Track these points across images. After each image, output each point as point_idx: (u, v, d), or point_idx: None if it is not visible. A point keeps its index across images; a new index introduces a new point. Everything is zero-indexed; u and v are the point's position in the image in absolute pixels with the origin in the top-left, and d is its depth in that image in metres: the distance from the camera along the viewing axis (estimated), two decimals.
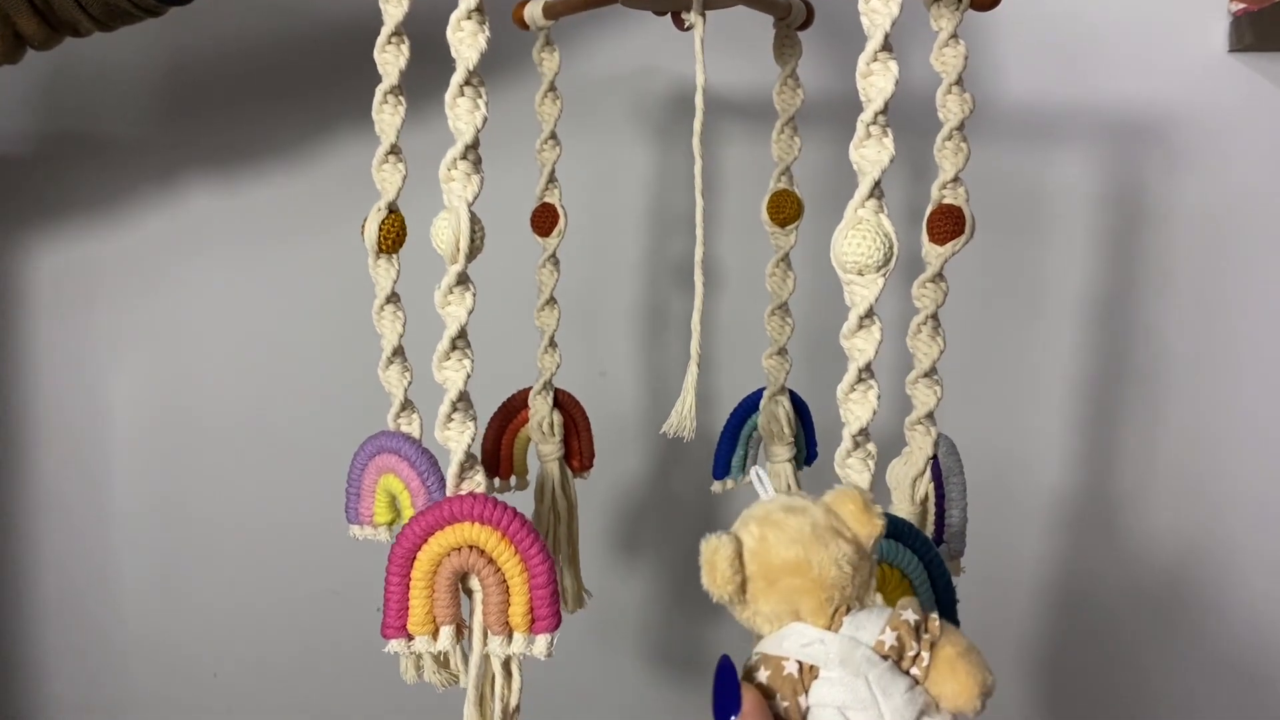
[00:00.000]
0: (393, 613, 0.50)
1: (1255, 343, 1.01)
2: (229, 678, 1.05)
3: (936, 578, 0.52)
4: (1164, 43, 0.98)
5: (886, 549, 0.50)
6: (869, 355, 0.49)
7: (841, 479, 0.50)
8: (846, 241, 0.47)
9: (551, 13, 0.71)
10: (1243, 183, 0.99)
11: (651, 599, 1.06)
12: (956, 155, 0.62)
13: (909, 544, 0.51)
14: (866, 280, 0.48)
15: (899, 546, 0.51)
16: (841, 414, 0.49)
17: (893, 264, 0.48)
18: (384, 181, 0.59)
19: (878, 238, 0.47)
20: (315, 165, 0.98)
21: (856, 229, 0.47)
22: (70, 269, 0.99)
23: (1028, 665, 1.07)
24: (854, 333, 0.49)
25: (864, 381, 0.49)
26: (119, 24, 0.71)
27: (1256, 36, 0.93)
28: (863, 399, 0.49)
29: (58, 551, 1.02)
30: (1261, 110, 0.98)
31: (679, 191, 0.98)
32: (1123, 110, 0.98)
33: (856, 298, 0.48)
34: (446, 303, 0.50)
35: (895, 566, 0.51)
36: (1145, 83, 0.98)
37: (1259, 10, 0.93)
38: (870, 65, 0.47)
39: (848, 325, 0.48)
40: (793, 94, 0.72)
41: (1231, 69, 0.98)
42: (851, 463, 0.50)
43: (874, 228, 0.47)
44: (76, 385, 1.00)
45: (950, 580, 0.52)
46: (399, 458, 0.59)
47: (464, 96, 0.48)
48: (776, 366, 0.77)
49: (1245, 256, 1.00)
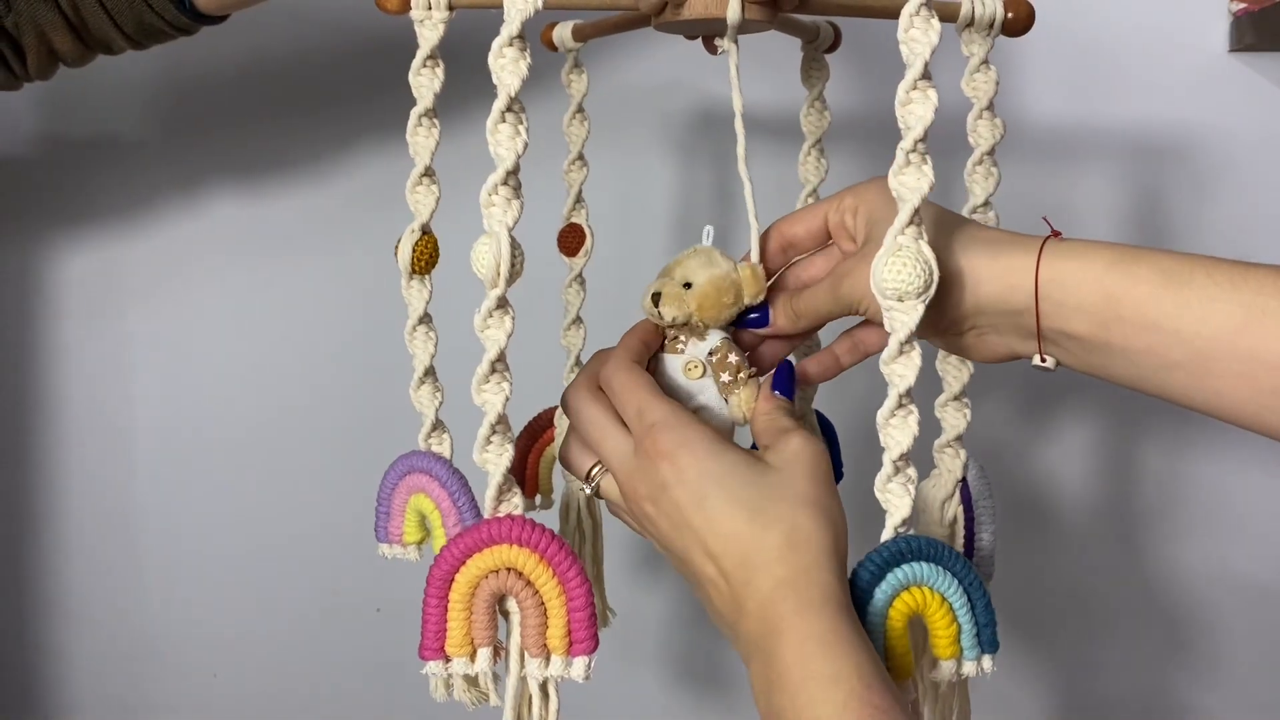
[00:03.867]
0: (431, 634, 0.51)
1: None
2: (229, 678, 1.05)
3: (975, 600, 0.52)
4: (1164, 45, 0.98)
5: (927, 573, 0.51)
6: (909, 381, 0.49)
7: (882, 504, 0.51)
8: (887, 269, 0.48)
9: (581, 35, 0.72)
10: (1246, 187, 0.99)
11: (673, 617, 1.06)
12: (987, 180, 0.62)
13: (948, 567, 0.51)
14: (907, 306, 0.48)
15: (939, 570, 0.51)
16: (881, 439, 0.50)
17: (932, 290, 0.48)
18: (418, 203, 0.59)
19: (918, 264, 0.47)
20: (340, 178, 0.99)
21: (897, 255, 0.48)
22: (94, 274, 1.00)
23: (1058, 686, 1.07)
24: (894, 358, 0.49)
25: (904, 407, 0.50)
26: (152, 42, 0.71)
27: (1257, 36, 0.93)
28: (903, 424, 0.50)
29: (75, 553, 1.03)
30: (1262, 110, 0.98)
31: (704, 208, 0.98)
32: (1131, 121, 0.98)
33: (897, 324, 0.49)
34: (486, 326, 0.50)
35: (935, 590, 0.51)
36: (1149, 90, 0.98)
37: (1259, 10, 0.93)
38: (910, 94, 0.47)
39: (888, 352, 0.49)
40: (820, 116, 0.72)
41: (1232, 69, 0.98)
42: (892, 487, 0.51)
43: (914, 254, 0.47)
44: (97, 389, 1.01)
45: (989, 602, 0.52)
46: (430, 478, 0.59)
47: (505, 123, 0.49)
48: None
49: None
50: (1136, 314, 0.49)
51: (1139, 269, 0.49)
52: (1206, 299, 0.48)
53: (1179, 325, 0.48)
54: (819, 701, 0.45)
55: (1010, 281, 0.51)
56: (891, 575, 0.50)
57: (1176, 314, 0.48)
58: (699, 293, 0.57)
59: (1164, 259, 0.49)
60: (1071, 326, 0.51)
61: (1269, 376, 0.47)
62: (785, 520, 0.50)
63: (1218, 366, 0.48)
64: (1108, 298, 0.49)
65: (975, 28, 0.61)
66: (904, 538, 0.51)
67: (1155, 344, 0.49)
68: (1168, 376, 0.49)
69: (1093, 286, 0.50)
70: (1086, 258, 0.50)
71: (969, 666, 0.52)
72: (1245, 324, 0.47)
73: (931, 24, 0.47)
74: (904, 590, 0.51)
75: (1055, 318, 0.51)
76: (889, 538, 0.51)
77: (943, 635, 0.51)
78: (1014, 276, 0.51)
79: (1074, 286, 0.50)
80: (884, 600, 0.50)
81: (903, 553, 0.51)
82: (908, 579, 0.51)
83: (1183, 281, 0.48)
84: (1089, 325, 0.50)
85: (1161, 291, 0.48)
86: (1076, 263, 0.50)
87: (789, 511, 0.50)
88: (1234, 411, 0.49)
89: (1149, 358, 0.49)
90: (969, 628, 0.52)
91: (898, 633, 0.50)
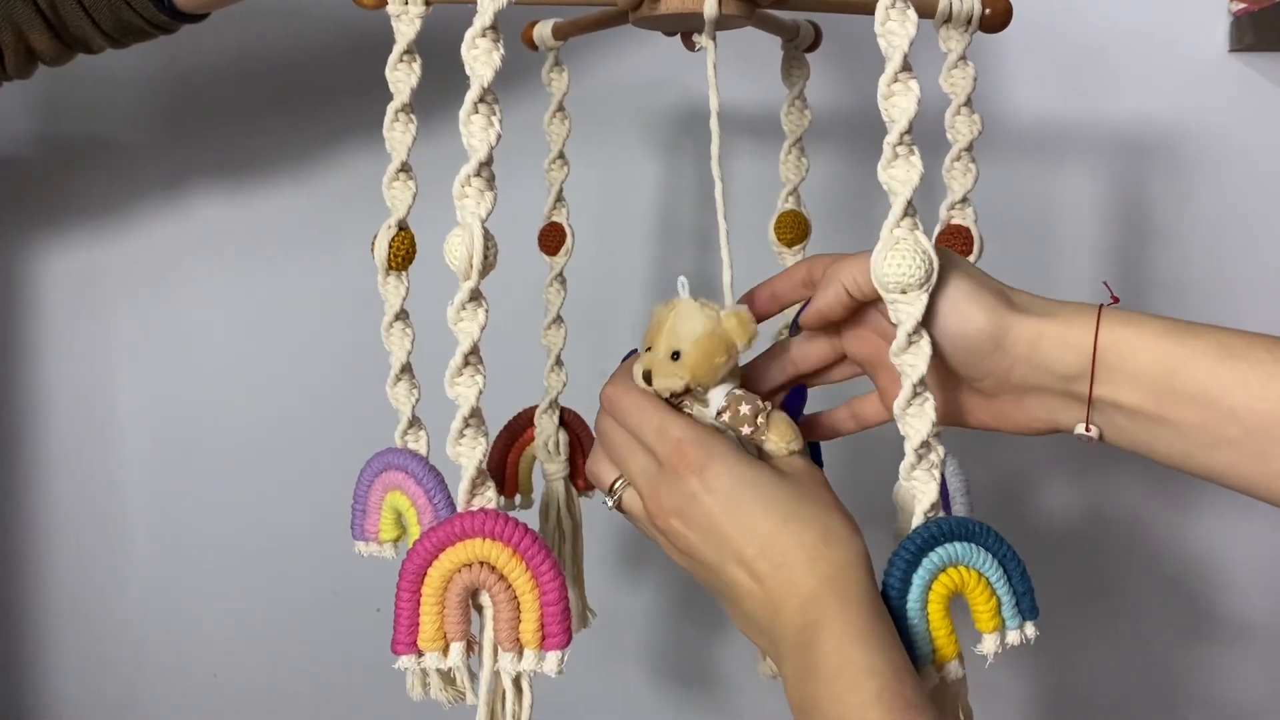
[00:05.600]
0: (403, 628, 0.50)
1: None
2: (229, 678, 1.05)
3: (1011, 571, 0.52)
4: (1165, 45, 0.98)
5: (962, 552, 0.51)
6: (921, 370, 0.49)
7: (908, 491, 0.51)
8: (887, 263, 0.48)
9: (561, 33, 0.72)
10: (1245, 185, 1.00)
11: (655, 617, 1.06)
12: (965, 176, 0.62)
13: (981, 543, 0.52)
14: (910, 298, 0.49)
15: (973, 548, 0.51)
16: (901, 428, 0.51)
17: (933, 279, 0.48)
18: (394, 199, 0.59)
19: (917, 255, 0.48)
20: (322, 177, 0.99)
21: (895, 249, 0.48)
22: (78, 273, 0.99)
23: (1038, 679, 1.07)
24: (904, 349, 0.50)
25: (919, 395, 0.50)
26: (131, 41, 0.71)
27: (1257, 36, 0.94)
28: (920, 412, 0.50)
29: (64, 552, 1.02)
30: (1263, 111, 0.99)
31: (686, 206, 0.98)
32: (1128, 118, 0.99)
33: (903, 315, 0.49)
34: (459, 319, 0.50)
35: (972, 568, 0.51)
36: (1148, 88, 0.98)
37: (1259, 10, 0.93)
38: (891, 86, 0.47)
39: (896, 343, 0.49)
40: (800, 115, 0.72)
41: (1232, 69, 0.98)
42: (918, 474, 0.52)
43: (912, 246, 0.48)
44: (84, 388, 1.01)
45: (1024, 570, 0.52)
46: (406, 475, 0.59)
47: (478, 114, 0.48)
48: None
49: (1251, 261, 1.01)
50: (1193, 386, 0.48)
51: (1196, 341, 0.48)
52: (1265, 376, 0.46)
53: (1235, 401, 0.47)
54: (854, 689, 0.45)
55: (1067, 341, 0.50)
56: (928, 560, 0.51)
57: (1233, 389, 0.47)
58: (689, 363, 0.55)
59: (1221, 333, 0.48)
60: (1123, 396, 0.50)
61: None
62: (820, 520, 0.51)
63: (1273, 446, 0.46)
64: (1164, 368, 0.48)
65: (953, 24, 0.61)
66: (935, 521, 0.51)
67: (1209, 420, 0.48)
68: (1219, 454, 0.48)
69: (1150, 355, 0.49)
70: (1144, 326, 0.49)
71: (1013, 635, 0.52)
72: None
73: (908, 16, 0.47)
74: (941, 573, 0.51)
75: (1109, 384, 0.50)
76: (919, 523, 0.52)
77: (984, 609, 0.52)
78: (1072, 336, 0.50)
79: (1130, 353, 0.49)
80: (922, 585, 0.51)
81: (935, 536, 0.51)
82: (945, 560, 0.51)
83: (1240, 356, 0.47)
84: (1142, 396, 0.49)
85: (1218, 365, 0.47)
86: (1134, 330, 0.49)
87: (822, 513, 0.51)
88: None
89: (1201, 434, 0.48)
90: (1008, 599, 0.52)
91: (939, 615, 0.51)
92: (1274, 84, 0.98)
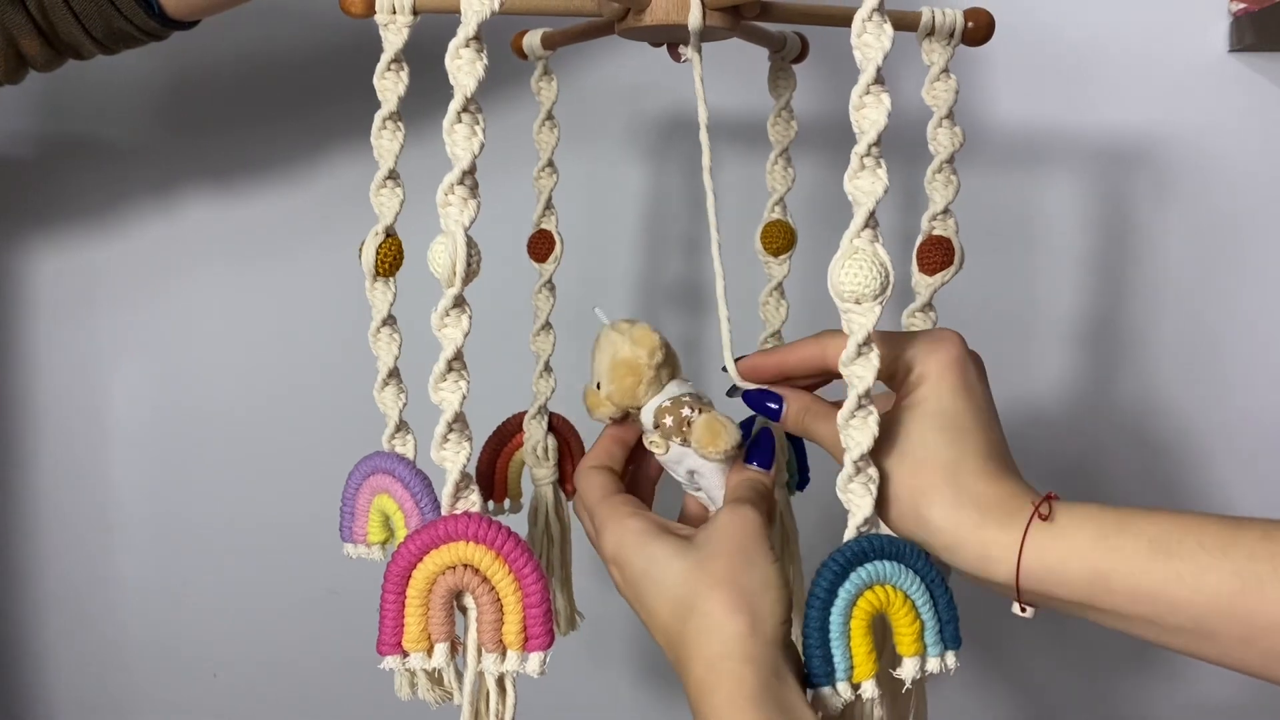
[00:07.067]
0: (388, 629, 0.51)
1: (1247, 355, 1.03)
2: (229, 678, 1.05)
3: (937, 597, 0.52)
4: (1163, 46, 0.98)
5: (890, 571, 0.51)
6: (868, 382, 0.50)
7: (844, 504, 0.51)
8: (843, 271, 0.48)
9: (550, 43, 0.72)
10: (1246, 185, 1.00)
11: None
12: (946, 188, 0.63)
13: (909, 564, 0.52)
14: (864, 309, 0.49)
15: (901, 568, 0.52)
16: (842, 439, 0.50)
17: (889, 292, 0.49)
18: (382, 206, 0.60)
19: (874, 267, 0.48)
20: (313, 180, 0.99)
21: (853, 259, 0.48)
22: (70, 273, 1.00)
23: (1017, 681, 1.08)
24: (853, 360, 0.50)
25: (864, 408, 0.50)
26: (122, 47, 0.72)
27: (1257, 36, 0.94)
28: (863, 424, 0.50)
29: (58, 553, 1.03)
30: (1262, 111, 0.99)
31: (673, 212, 0.99)
32: (1127, 118, 0.99)
33: (855, 326, 0.49)
34: (443, 325, 0.50)
35: (898, 588, 0.51)
36: (1147, 88, 0.98)
37: (1259, 10, 0.93)
38: (863, 98, 0.48)
39: (846, 353, 0.49)
40: (787, 126, 0.73)
41: (1231, 70, 0.99)
42: (854, 487, 0.51)
43: (870, 257, 0.48)
44: (76, 388, 1.01)
45: (951, 599, 0.53)
46: (393, 479, 0.59)
47: (461, 124, 0.49)
48: None
49: (1244, 265, 1.01)
50: (1127, 586, 0.48)
51: (1125, 541, 0.48)
52: (1198, 569, 0.47)
53: (1174, 595, 0.47)
54: None
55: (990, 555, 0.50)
56: (854, 575, 0.51)
57: (1167, 585, 0.47)
58: (609, 391, 0.60)
59: (1151, 526, 0.48)
60: (1058, 594, 0.50)
61: (1268, 639, 0.46)
62: (697, 610, 0.52)
63: (1217, 631, 0.47)
64: (1095, 573, 0.48)
65: (935, 37, 0.62)
66: (866, 537, 0.51)
67: (1150, 612, 0.48)
68: (1167, 639, 0.49)
69: (1079, 565, 0.49)
70: (1072, 537, 0.49)
71: (933, 663, 0.52)
72: (1241, 591, 0.46)
73: (884, 29, 0.48)
74: (867, 589, 0.51)
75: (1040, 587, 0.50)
76: (851, 538, 0.52)
77: (906, 632, 0.52)
78: (994, 550, 0.50)
79: (1058, 564, 0.49)
80: (847, 600, 0.51)
81: (865, 552, 0.51)
82: (871, 578, 0.51)
83: (1171, 551, 0.47)
84: (1077, 595, 0.49)
85: (1150, 564, 0.47)
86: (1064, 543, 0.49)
87: (701, 599, 0.52)
88: (1241, 667, 0.48)
89: (1145, 624, 0.49)
90: (932, 624, 0.52)
91: (861, 631, 0.51)
92: (1274, 84, 0.98)
